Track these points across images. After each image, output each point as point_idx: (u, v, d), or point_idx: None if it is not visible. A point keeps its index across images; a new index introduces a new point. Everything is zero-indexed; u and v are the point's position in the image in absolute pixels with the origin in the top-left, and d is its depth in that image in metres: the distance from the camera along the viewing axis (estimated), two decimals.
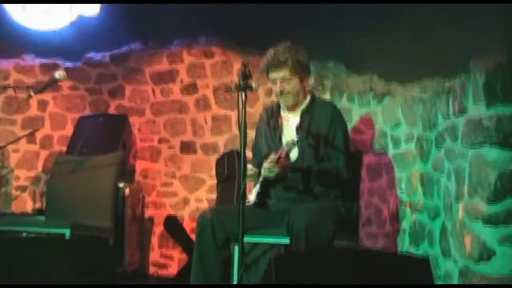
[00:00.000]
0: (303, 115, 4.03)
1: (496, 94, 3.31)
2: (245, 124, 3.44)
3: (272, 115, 4.16)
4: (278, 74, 3.92)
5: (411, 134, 4.42)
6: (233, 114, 6.43)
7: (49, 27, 6.80)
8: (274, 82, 3.98)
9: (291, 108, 4.05)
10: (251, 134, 4.39)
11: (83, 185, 5.06)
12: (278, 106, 4.14)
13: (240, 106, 3.42)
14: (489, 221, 3.28)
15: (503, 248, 3.27)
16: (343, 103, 5.29)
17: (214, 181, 6.28)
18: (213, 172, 6.29)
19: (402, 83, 5.08)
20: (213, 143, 6.54)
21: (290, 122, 4.07)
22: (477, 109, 3.38)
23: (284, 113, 4.11)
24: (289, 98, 3.99)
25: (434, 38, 4.97)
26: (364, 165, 4.78)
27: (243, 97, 3.44)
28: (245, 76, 3.46)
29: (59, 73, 4.52)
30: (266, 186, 3.91)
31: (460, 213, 3.49)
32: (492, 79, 3.32)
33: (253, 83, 3.47)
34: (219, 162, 6.22)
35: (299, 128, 4.00)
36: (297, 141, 3.75)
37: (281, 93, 3.97)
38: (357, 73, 5.74)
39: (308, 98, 4.09)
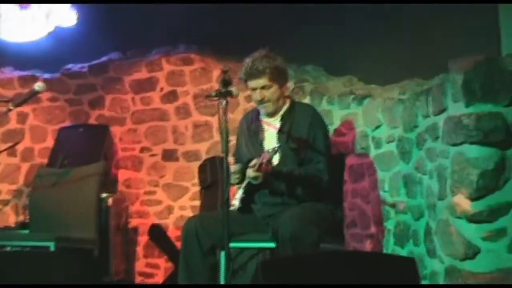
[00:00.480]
0: (283, 119, 4.05)
1: (474, 93, 3.35)
2: (226, 130, 3.44)
3: (252, 122, 4.17)
4: (257, 82, 3.94)
5: (392, 135, 4.44)
6: (214, 121, 6.41)
7: (26, 39, 6.79)
8: (253, 90, 3.99)
9: (272, 114, 4.06)
10: (233, 140, 4.41)
11: (66, 197, 5.03)
12: (258, 112, 4.15)
13: (221, 112, 3.43)
14: (473, 218, 3.32)
15: (487, 244, 3.31)
16: (323, 106, 5.30)
17: (197, 188, 6.27)
18: (196, 179, 6.28)
19: (381, 85, 5.14)
20: (195, 151, 6.51)
21: (271, 127, 4.08)
22: (457, 109, 3.41)
23: (264, 119, 4.12)
24: (269, 105, 4.00)
25: (412, 40, 5.03)
26: (346, 167, 4.81)
27: (224, 103, 3.44)
28: (226, 82, 3.47)
29: (38, 86, 4.49)
30: (250, 191, 3.92)
31: (444, 211, 3.52)
32: (470, 78, 3.36)
33: (233, 90, 3.48)
34: (202, 169, 6.21)
35: (280, 133, 4.01)
36: (278, 146, 3.77)
37: (261, 101, 3.98)
38: (336, 76, 5.78)
39: (288, 103, 4.11)
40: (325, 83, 5.70)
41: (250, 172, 3.79)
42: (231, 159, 4.17)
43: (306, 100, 5.55)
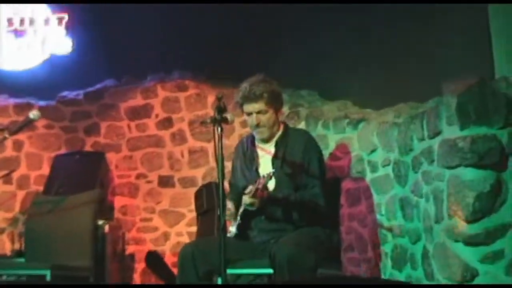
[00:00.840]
0: (277, 145, 4.05)
1: (469, 116, 3.36)
2: (222, 157, 3.43)
3: (247, 148, 4.17)
4: (254, 107, 3.95)
5: (387, 159, 4.44)
6: (210, 146, 6.41)
7: (21, 67, 6.82)
8: (249, 114, 3.99)
9: (266, 140, 4.06)
10: (228, 166, 4.40)
11: (62, 225, 5.02)
12: (253, 138, 4.15)
13: (216, 139, 3.42)
14: (470, 241, 3.31)
15: (485, 267, 3.30)
16: (318, 131, 5.31)
17: (194, 215, 6.26)
18: (192, 206, 6.27)
19: (376, 109, 5.15)
20: (191, 177, 6.53)
21: (266, 153, 4.07)
22: (452, 131, 3.42)
23: (259, 145, 4.12)
24: (264, 131, 4.01)
25: (406, 63, 5.05)
26: (343, 191, 4.80)
27: (219, 130, 3.44)
28: (220, 109, 3.46)
29: (33, 114, 4.49)
30: (246, 218, 3.90)
31: (441, 234, 3.51)
32: (464, 101, 3.37)
33: (228, 116, 3.48)
34: (198, 195, 6.21)
35: (274, 159, 4.01)
36: (273, 172, 3.76)
37: (257, 125, 3.98)
38: (331, 100, 5.79)
39: (282, 128, 4.11)
40: (320, 107, 5.71)
41: (246, 199, 3.78)
42: (227, 185, 4.17)
43: (302, 124, 5.57)
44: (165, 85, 6.70)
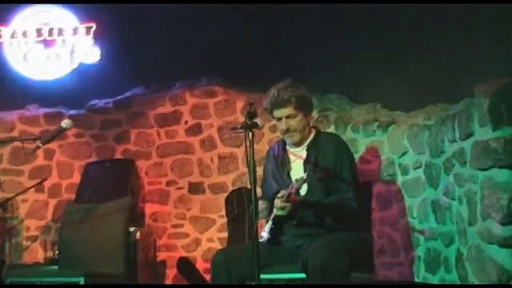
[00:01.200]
0: (309, 149, 4.04)
1: (501, 117, 3.31)
2: (253, 162, 3.45)
3: (279, 153, 4.17)
4: (283, 112, 3.96)
5: (418, 161, 4.42)
6: (239, 152, 6.46)
7: (51, 77, 6.91)
8: (279, 120, 4.00)
9: (297, 144, 4.06)
10: (259, 171, 4.39)
11: (94, 233, 5.07)
12: (284, 143, 4.15)
13: (248, 145, 3.43)
14: (505, 243, 3.27)
15: None
16: (348, 134, 5.32)
17: (225, 220, 6.28)
18: (223, 211, 6.29)
19: (405, 111, 5.12)
20: (221, 182, 6.56)
21: (297, 157, 4.07)
22: (484, 133, 3.38)
23: (290, 149, 4.12)
24: (295, 135, 4.01)
25: (436, 64, 5.01)
26: (373, 194, 4.79)
27: (250, 135, 3.45)
28: (251, 114, 3.48)
29: (65, 123, 4.54)
30: (279, 223, 3.90)
31: (475, 237, 3.47)
32: (496, 101, 3.33)
33: (258, 121, 3.49)
34: (228, 201, 6.22)
35: (306, 163, 4.00)
36: (306, 177, 3.75)
37: (287, 130, 3.99)
38: (359, 103, 5.78)
39: (313, 133, 4.11)
40: (349, 111, 5.71)
41: (278, 203, 3.78)
42: (258, 190, 4.17)
43: (331, 128, 5.57)
44: (194, 91, 6.74)
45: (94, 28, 6.91)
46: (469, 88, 3.64)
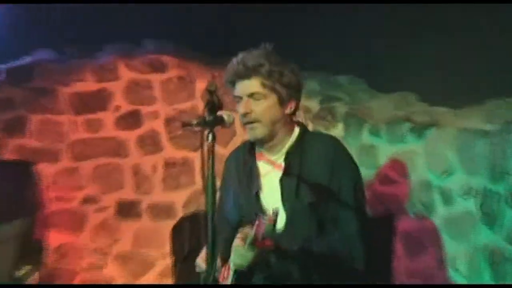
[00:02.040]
0: (289, 157, 3.87)
1: None
2: (213, 176, 3.30)
3: (245, 162, 4.03)
4: (244, 85, 3.79)
5: (470, 186, 4.39)
6: (196, 157, 6.46)
7: None
8: (238, 100, 3.82)
9: (264, 144, 3.88)
10: None
11: None
12: (253, 147, 4.00)
13: (206, 149, 3.29)
14: None
15: None
16: (364, 138, 5.35)
17: (170, 261, 6.19)
18: (167, 247, 6.20)
19: (453, 108, 5.07)
20: (166, 203, 6.59)
21: (271, 169, 3.92)
22: None
23: (264, 154, 3.95)
24: (258, 127, 3.80)
25: (502, 43, 4.97)
26: (398, 233, 4.85)
27: (210, 137, 3.31)
28: (213, 105, 3.34)
29: None
30: (244, 275, 3.75)
31: None
32: None
33: (225, 115, 3.36)
34: (177, 232, 6.15)
35: (285, 177, 3.84)
36: (283, 204, 3.65)
37: (245, 115, 3.79)
38: (384, 92, 5.74)
39: (296, 131, 3.93)
40: (367, 103, 5.69)
41: (239, 250, 3.62)
42: None
43: (339, 127, 5.57)
44: (131, 61, 6.69)
45: None
46: None
